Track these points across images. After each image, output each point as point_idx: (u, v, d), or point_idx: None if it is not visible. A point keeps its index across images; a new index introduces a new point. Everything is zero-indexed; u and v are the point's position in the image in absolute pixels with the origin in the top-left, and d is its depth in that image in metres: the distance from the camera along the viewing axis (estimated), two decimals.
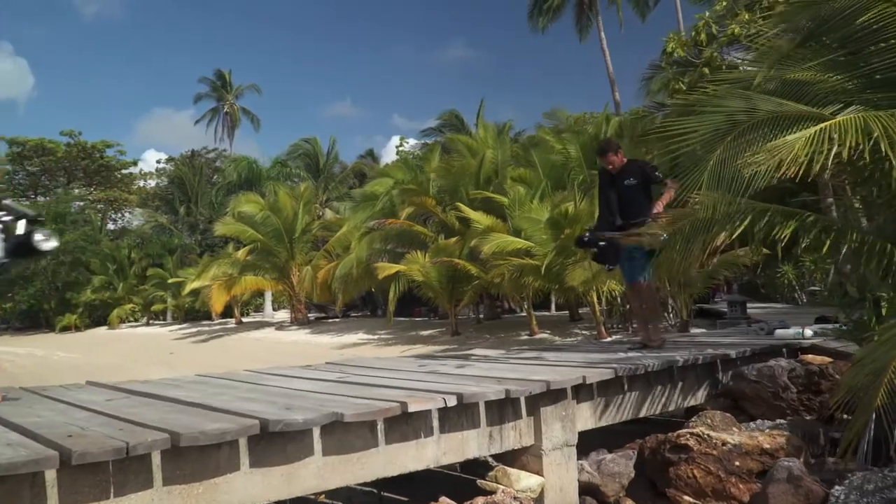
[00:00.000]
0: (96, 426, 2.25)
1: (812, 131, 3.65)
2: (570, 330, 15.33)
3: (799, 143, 3.54)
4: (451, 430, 2.98)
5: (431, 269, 16.10)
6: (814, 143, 3.62)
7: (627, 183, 5.65)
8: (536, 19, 28.43)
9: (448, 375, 3.67)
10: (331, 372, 4.00)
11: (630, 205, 5.60)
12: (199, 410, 2.56)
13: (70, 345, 27.21)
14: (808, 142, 3.59)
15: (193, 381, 3.62)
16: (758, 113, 4.54)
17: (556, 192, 15.53)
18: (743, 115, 4.64)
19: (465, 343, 15.28)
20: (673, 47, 11.84)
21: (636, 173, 5.70)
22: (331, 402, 2.71)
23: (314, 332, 21.90)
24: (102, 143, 44.00)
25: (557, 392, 3.34)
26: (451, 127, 32.28)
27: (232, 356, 18.27)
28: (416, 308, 22.84)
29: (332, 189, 34.79)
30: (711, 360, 4.43)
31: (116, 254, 34.45)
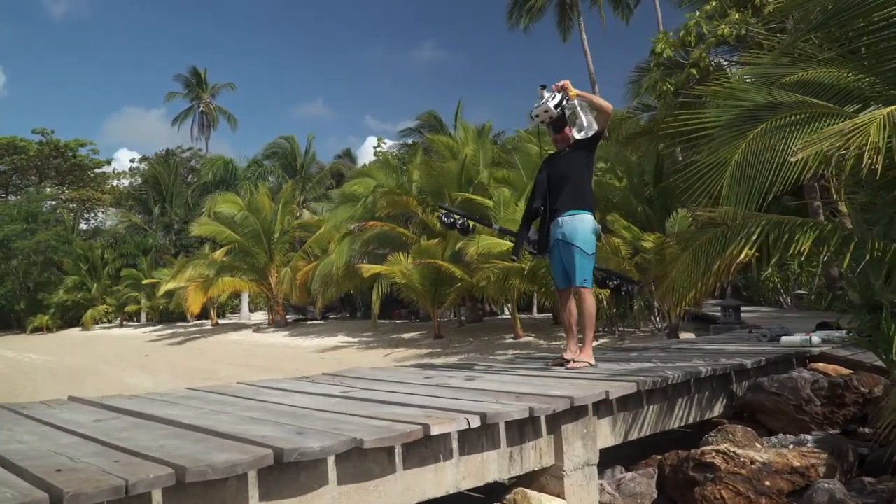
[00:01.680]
0: (87, 456, 1.99)
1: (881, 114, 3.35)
2: (554, 333, 15.18)
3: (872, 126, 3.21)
4: (471, 452, 2.76)
5: (414, 270, 15.89)
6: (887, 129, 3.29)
7: (563, 154, 4.76)
8: (516, 19, 28.36)
9: (460, 390, 3.45)
10: (332, 385, 3.75)
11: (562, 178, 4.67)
12: (200, 435, 2.30)
13: (42, 346, 26.53)
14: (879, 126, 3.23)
15: (186, 397, 3.35)
16: (781, 108, 4.37)
17: None
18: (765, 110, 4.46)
19: (449, 347, 15.08)
20: (662, 48, 11.73)
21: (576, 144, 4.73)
22: (345, 425, 2.47)
23: (293, 334, 21.55)
24: (75, 142, 43.12)
25: (579, 408, 3.13)
26: (430, 127, 32.10)
27: (209, 359, 17.87)
28: (395, 310, 22.60)
29: (310, 189, 34.36)
30: (727, 371, 4.25)
31: (89, 254, 33.71)
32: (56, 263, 33.51)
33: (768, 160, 4.24)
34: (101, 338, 28.31)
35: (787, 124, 4.31)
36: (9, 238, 32.87)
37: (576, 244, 4.53)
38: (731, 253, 4.47)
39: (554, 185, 4.71)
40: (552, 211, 4.67)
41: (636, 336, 12.89)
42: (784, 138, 4.24)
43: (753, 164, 4.35)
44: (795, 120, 4.32)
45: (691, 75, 12.10)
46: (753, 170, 4.34)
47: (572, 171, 4.68)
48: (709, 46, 11.71)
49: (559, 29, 28.16)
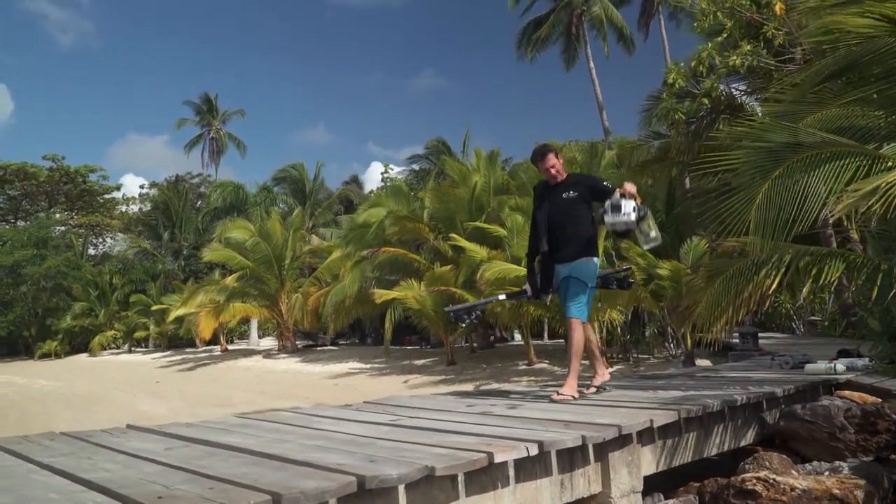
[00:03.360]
0: (180, 484, 2.09)
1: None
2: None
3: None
4: (526, 480, 2.85)
5: (427, 297, 15.97)
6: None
7: (566, 196, 4.61)
8: (524, 49, 28.77)
9: (506, 418, 3.54)
10: (378, 413, 3.85)
11: (568, 222, 4.58)
12: (277, 463, 2.41)
13: (51, 372, 26.56)
14: None
15: (241, 425, 3.44)
16: (803, 148, 4.51)
17: None
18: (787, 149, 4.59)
19: (463, 373, 15.12)
20: (674, 78, 11.94)
21: (578, 186, 4.67)
22: (410, 453, 2.57)
23: (304, 360, 21.59)
24: (85, 168, 43.53)
25: (625, 436, 3.22)
26: (439, 154, 32.36)
27: (222, 385, 17.91)
28: (406, 336, 22.66)
29: (319, 215, 34.59)
30: (759, 399, 4.34)
31: (98, 279, 33.86)
32: (65, 289, 33.67)
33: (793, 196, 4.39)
34: (110, 364, 28.36)
35: (810, 163, 4.45)
36: (19, 264, 33.07)
37: (578, 277, 4.58)
38: (761, 282, 4.58)
39: (558, 229, 4.62)
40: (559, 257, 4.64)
41: (650, 363, 12.94)
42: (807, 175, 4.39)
43: (778, 198, 4.48)
44: (819, 158, 4.46)
45: (703, 104, 12.32)
46: (778, 204, 4.48)
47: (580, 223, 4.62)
48: (720, 76, 11.93)
49: (563, 58, 28.59)
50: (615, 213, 4.35)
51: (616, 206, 4.35)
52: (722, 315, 4.85)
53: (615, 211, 4.35)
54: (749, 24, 11.64)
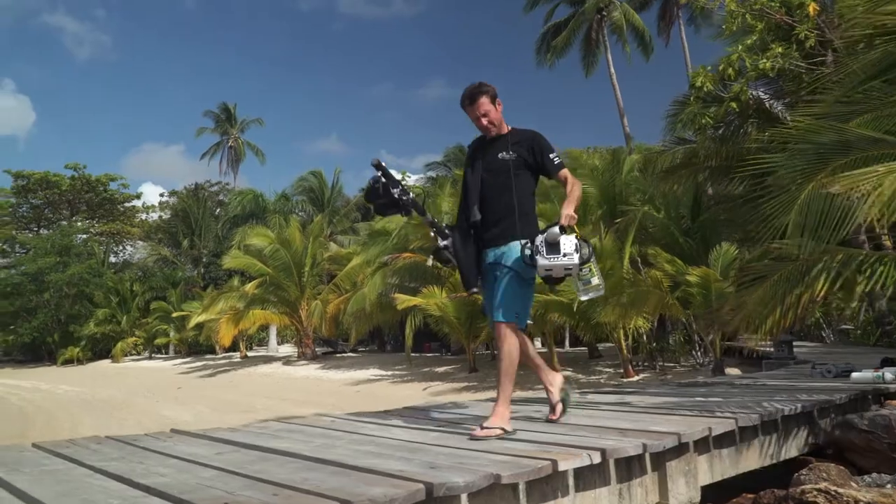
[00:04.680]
0: (240, 489, 2.02)
1: None
2: (591, 367, 15.07)
3: None
4: (585, 489, 2.75)
5: (449, 304, 15.89)
6: None
7: (502, 156, 3.52)
8: (544, 55, 28.70)
9: (555, 424, 3.45)
10: (421, 419, 3.76)
11: (500, 192, 3.48)
12: (334, 468, 2.33)
13: (74, 378, 26.75)
14: None
15: (285, 430, 3.38)
16: (851, 150, 4.38)
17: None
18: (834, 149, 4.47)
19: (485, 381, 15.00)
20: (702, 82, 11.79)
21: (520, 146, 3.54)
22: (469, 460, 2.48)
23: (324, 367, 21.56)
24: (106, 177, 43.97)
25: (683, 445, 3.11)
26: (457, 161, 32.35)
27: (243, 392, 17.90)
28: (426, 343, 22.58)
29: (337, 223, 34.65)
30: (810, 409, 4.21)
31: (120, 287, 34.11)
32: (87, 296, 33.94)
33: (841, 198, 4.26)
34: (132, 370, 28.52)
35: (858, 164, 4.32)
36: (42, 271, 33.40)
37: (512, 266, 3.39)
38: (810, 286, 4.45)
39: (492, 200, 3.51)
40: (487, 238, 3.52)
41: (677, 371, 12.76)
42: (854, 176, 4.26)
43: (822, 201, 4.36)
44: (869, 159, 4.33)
45: (731, 108, 12.16)
46: (821, 206, 4.35)
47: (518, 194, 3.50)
48: (748, 80, 11.77)
49: (583, 64, 28.46)
50: (552, 253, 3.18)
51: (553, 243, 3.18)
52: (767, 319, 4.72)
53: (552, 251, 3.18)
54: (778, 27, 11.48)
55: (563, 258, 3.19)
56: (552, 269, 3.20)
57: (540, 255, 3.20)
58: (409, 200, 3.44)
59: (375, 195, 3.45)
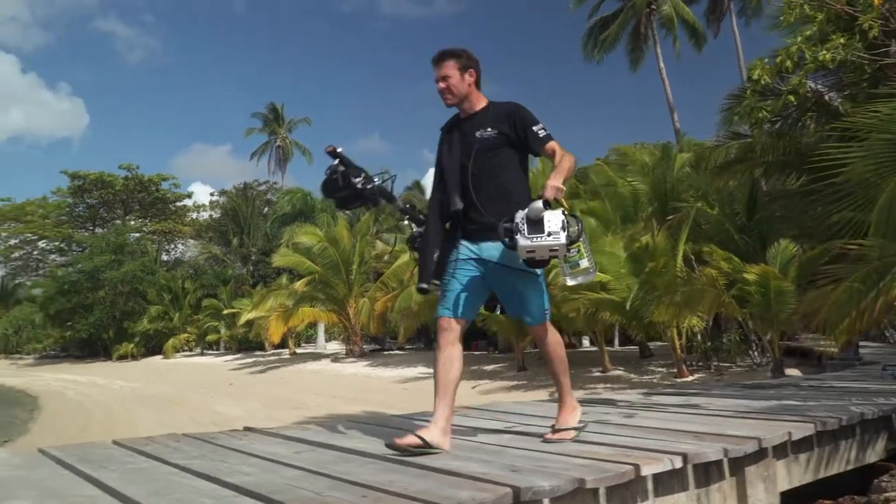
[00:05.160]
0: (328, 490, 2.03)
1: None
2: (643, 367, 14.86)
3: None
4: (664, 494, 2.69)
5: None
6: None
7: (481, 134, 3.08)
8: (591, 50, 28.37)
9: (627, 427, 3.39)
10: (486, 419, 3.75)
11: (484, 175, 3.06)
12: (417, 470, 2.33)
13: (128, 374, 27.49)
14: None
15: (356, 429, 3.39)
16: None
17: (626, 225, 15.24)
18: None
19: (535, 379, 14.93)
20: (759, 74, 11.48)
21: (500, 120, 3.09)
22: (550, 463, 2.45)
23: (372, 364, 21.70)
24: (158, 177, 45.08)
25: (762, 450, 3.03)
26: None
27: (293, 389, 18.13)
28: (473, 342, 22.55)
29: (383, 221, 34.86)
30: (890, 412, 4.06)
31: (172, 284, 34.94)
32: (141, 293, 34.83)
33: None
34: (184, 366, 29.15)
35: None
36: (98, 269, 34.39)
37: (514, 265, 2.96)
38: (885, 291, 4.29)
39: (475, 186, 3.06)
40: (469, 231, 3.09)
41: (733, 371, 12.48)
42: None
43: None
44: None
45: (789, 102, 11.82)
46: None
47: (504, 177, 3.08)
48: (807, 72, 11.43)
49: (630, 58, 28.00)
50: (534, 232, 2.68)
51: (535, 220, 2.69)
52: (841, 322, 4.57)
53: (534, 229, 2.69)
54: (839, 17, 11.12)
55: (547, 238, 2.67)
56: (535, 251, 2.70)
57: (520, 234, 2.69)
58: (374, 189, 3.14)
59: (334, 188, 3.12)
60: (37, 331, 41.06)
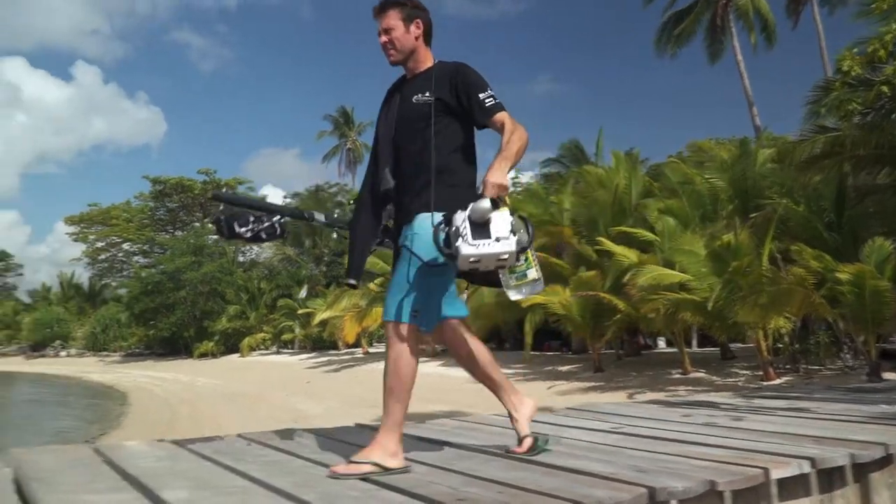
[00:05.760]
0: (463, 486, 2.08)
1: None
2: (725, 369, 14.48)
3: None
4: (788, 499, 2.63)
5: (573, 302, 15.70)
6: None
7: (417, 99, 2.59)
8: (664, 45, 27.83)
9: (739, 430, 3.33)
10: (589, 420, 3.74)
11: (412, 148, 2.59)
12: (543, 469, 2.36)
13: (208, 371, 28.46)
14: None
15: (461, 427, 3.44)
16: None
17: (705, 224, 14.89)
18: None
19: (612, 381, 14.73)
20: (849, 65, 11.04)
21: (441, 83, 2.59)
22: (673, 464, 2.44)
23: (445, 364, 21.80)
24: (234, 181, 46.55)
25: (889, 456, 2.93)
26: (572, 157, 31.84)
27: (370, 387, 18.36)
28: (546, 342, 22.43)
29: None
30: None
31: (248, 284, 36.00)
32: (220, 293, 36.02)
33: None
34: (260, 364, 29.99)
35: None
36: (179, 270, 35.76)
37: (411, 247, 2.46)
38: None
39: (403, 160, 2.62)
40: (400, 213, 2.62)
41: (823, 374, 12.03)
42: None
43: None
44: None
45: (881, 93, 11.32)
46: None
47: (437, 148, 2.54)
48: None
49: (709, 52, 27.30)
50: (480, 237, 2.15)
51: (480, 223, 2.17)
52: None
53: (479, 234, 2.16)
54: None
55: (495, 244, 2.14)
56: (480, 260, 2.15)
57: (463, 241, 2.13)
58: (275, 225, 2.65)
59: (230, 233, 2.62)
60: (122, 329, 42.96)
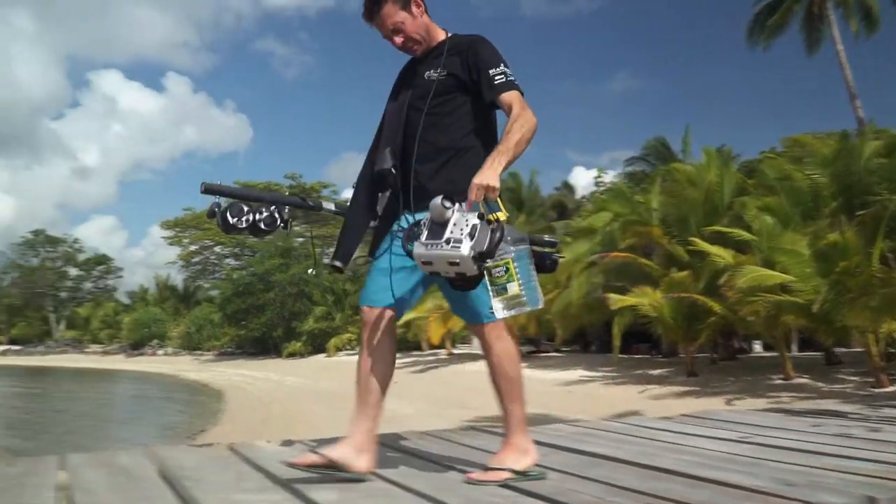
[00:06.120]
0: (604, 494, 2.02)
1: None
2: (830, 375, 13.78)
3: None
4: None
5: (665, 304, 15.29)
6: None
7: (429, 76, 2.38)
8: (757, 37, 26.80)
9: (879, 443, 3.13)
10: (712, 428, 3.59)
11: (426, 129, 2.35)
12: (685, 480, 2.27)
13: (297, 371, 29.21)
14: None
15: (577, 433, 3.37)
16: None
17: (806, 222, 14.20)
18: None
19: (708, 386, 14.26)
20: None
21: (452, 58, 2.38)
22: (821, 478, 2.30)
23: (530, 366, 21.65)
24: (319, 184, 47.78)
25: None
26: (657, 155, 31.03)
27: (456, 388, 18.48)
28: (634, 345, 21.95)
29: (534, 222, 34.76)
30: None
31: (334, 286, 36.77)
32: (307, 295, 36.96)
33: None
34: (346, 364, 30.46)
35: None
36: (269, 272, 36.91)
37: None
38: None
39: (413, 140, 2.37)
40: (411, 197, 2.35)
41: None
42: None
43: None
44: None
45: None
46: None
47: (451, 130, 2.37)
48: None
49: (806, 43, 26.08)
50: (434, 237, 2.01)
51: (440, 221, 2.02)
52: None
53: (435, 233, 2.01)
54: None
55: (444, 246, 1.96)
56: (432, 263, 2.01)
57: (418, 241, 2.03)
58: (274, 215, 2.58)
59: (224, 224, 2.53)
60: (215, 329, 44.65)
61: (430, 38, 2.44)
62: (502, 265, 2.06)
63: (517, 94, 2.27)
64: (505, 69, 2.30)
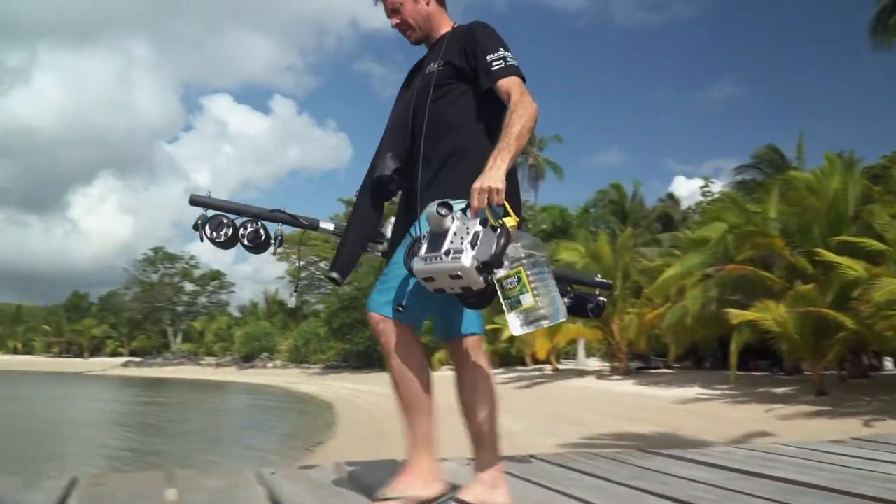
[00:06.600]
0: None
1: None
2: None
3: None
4: None
5: (789, 318, 14.52)
6: None
7: (430, 69, 2.21)
8: (881, 36, 25.22)
9: None
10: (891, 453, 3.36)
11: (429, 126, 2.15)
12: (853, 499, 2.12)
13: None
14: None
15: (757, 458, 3.22)
16: None
17: None
18: None
19: (840, 405, 13.40)
20: None
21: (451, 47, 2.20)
22: None
23: (641, 383, 21.09)
24: None
25: None
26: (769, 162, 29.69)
27: (565, 405, 18.19)
28: (752, 362, 20.97)
29: (639, 234, 34.02)
30: None
31: None
32: None
33: None
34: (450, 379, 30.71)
35: None
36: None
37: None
38: None
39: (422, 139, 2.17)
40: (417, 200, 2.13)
41: None
42: None
43: None
44: None
45: None
46: None
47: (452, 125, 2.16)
48: None
49: None
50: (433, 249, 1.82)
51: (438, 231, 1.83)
52: None
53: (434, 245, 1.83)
54: None
55: (444, 258, 1.78)
56: (434, 278, 1.82)
57: (417, 255, 1.85)
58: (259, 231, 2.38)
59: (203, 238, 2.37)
60: (321, 343, 45.97)
61: (429, 27, 2.29)
62: (514, 275, 1.83)
63: (517, 81, 2.06)
64: (504, 54, 2.10)
